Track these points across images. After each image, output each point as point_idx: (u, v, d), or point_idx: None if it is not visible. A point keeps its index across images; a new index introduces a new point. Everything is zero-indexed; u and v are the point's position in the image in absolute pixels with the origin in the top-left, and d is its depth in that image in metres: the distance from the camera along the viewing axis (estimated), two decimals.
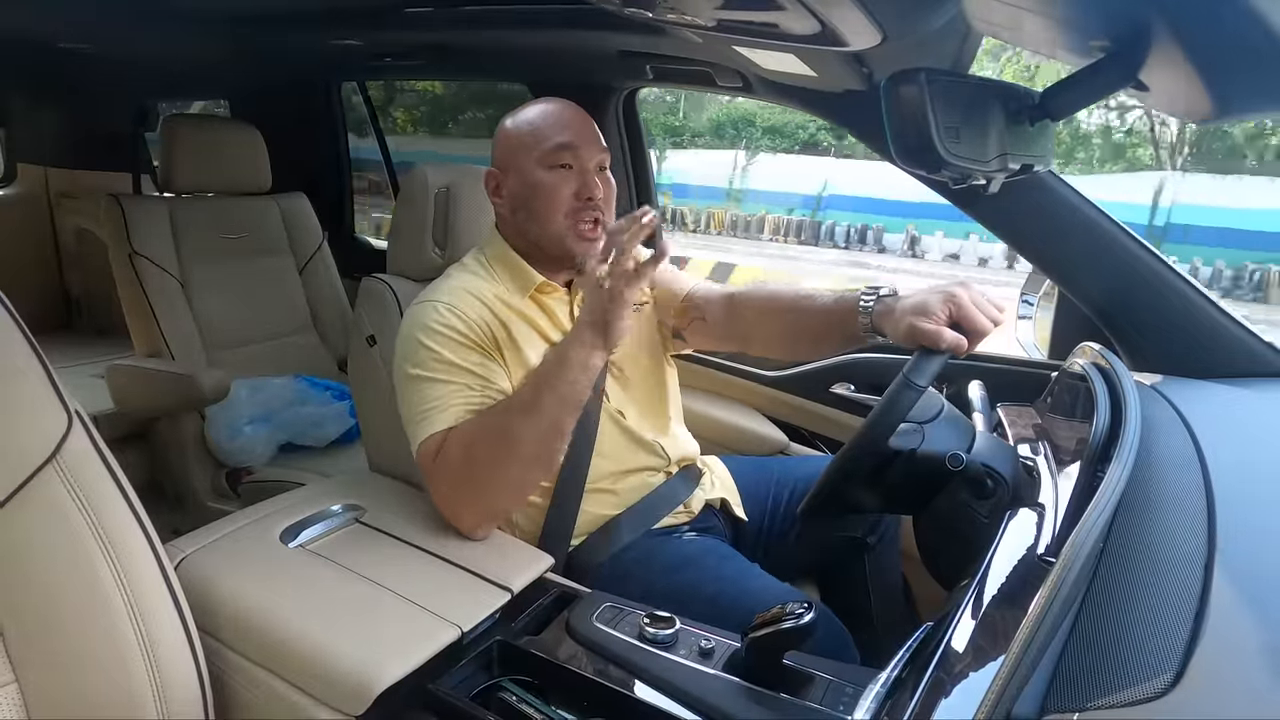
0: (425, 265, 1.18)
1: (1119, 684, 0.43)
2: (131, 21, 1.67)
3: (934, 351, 0.85)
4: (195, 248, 1.87)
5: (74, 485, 0.66)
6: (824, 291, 1.06)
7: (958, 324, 0.87)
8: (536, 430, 0.90)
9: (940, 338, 0.85)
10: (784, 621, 0.67)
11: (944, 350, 0.85)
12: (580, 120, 1.03)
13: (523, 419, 0.90)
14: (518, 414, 0.91)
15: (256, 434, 1.68)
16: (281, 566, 0.85)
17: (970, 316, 0.86)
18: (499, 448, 0.90)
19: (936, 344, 0.85)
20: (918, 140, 0.77)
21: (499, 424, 0.92)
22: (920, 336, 0.86)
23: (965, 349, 0.86)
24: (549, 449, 0.93)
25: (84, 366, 2.21)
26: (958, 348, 0.85)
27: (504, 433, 0.90)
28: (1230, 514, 0.59)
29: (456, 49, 1.67)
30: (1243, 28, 0.54)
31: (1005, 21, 0.78)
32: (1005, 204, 1.06)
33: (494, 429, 0.91)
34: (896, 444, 0.85)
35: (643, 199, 1.82)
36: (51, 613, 0.66)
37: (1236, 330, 1.04)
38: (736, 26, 0.94)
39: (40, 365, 0.67)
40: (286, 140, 2.27)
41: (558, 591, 0.87)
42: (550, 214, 1.00)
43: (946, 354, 0.85)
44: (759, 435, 1.55)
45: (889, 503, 0.95)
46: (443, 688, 0.71)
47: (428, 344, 0.95)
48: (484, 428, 0.92)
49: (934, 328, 0.86)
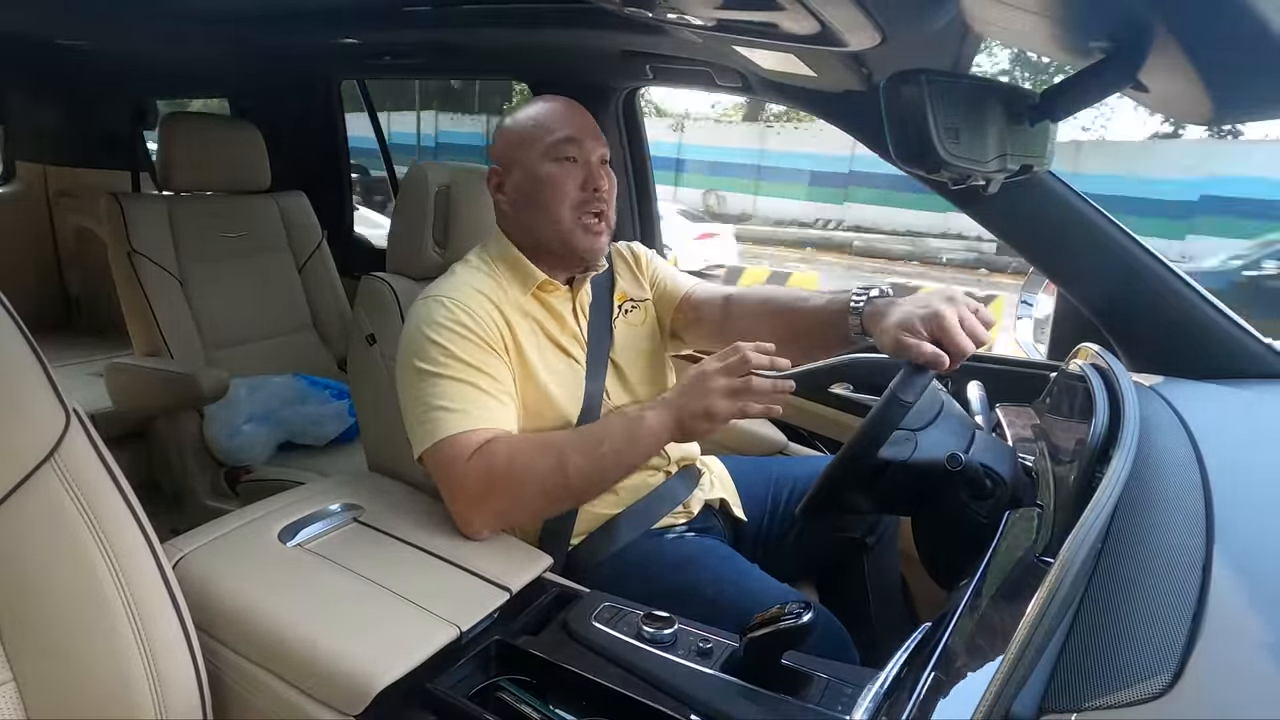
0: (425, 264, 1.18)
1: (1117, 684, 0.43)
2: (131, 19, 1.67)
3: (919, 367, 0.85)
4: (194, 246, 1.86)
5: (72, 484, 0.66)
6: (819, 293, 1.06)
7: (939, 341, 0.85)
8: (586, 472, 0.90)
9: (921, 354, 0.84)
10: (782, 621, 0.67)
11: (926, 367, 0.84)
12: (581, 115, 1.04)
13: (580, 459, 0.90)
14: (576, 451, 0.90)
15: (255, 433, 1.68)
16: (280, 566, 0.85)
17: (950, 337, 0.85)
18: (551, 475, 0.90)
19: (917, 360, 0.84)
20: (917, 140, 0.77)
21: (555, 449, 0.91)
22: (903, 350, 0.86)
23: (946, 366, 0.84)
24: (588, 493, 0.95)
25: (83, 365, 2.21)
26: (938, 364, 0.84)
27: (560, 462, 0.90)
28: (1229, 514, 0.59)
29: (456, 48, 1.67)
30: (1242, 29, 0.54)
31: (1005, 22, 0.78)
32: (1005, 204, 1.06)
33: (550, 452, 0.91)
34: (888, 454, 0.85)
35: (643, 198, 1.82)
36: (49, 612, 0.66)
37: (1236, 331, 1.04)
38: (736, 26, 0.95)
39: (38, 364, 0.67)
40: (286, 139, 2.27)
41: (556, 591, 0.87)
42: (557, 206, 1.01)
43: (932, 370, 0.85)
44: (758, 435, 1.55)
45: (887, 506, 0.95)
46: (441, 687, 0.70)
47: (436, 339, 0.95)
48: (539, 448, 0.91)
49: (916, 343, 0.85)
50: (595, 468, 0.91)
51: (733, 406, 0.87)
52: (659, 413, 0.91)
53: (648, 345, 1.15)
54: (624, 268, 1.19)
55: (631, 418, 0.92)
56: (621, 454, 0.91)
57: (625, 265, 1.19)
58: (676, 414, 0.90)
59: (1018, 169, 0.89)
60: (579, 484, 0.91)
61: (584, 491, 0.94)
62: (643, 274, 1.20)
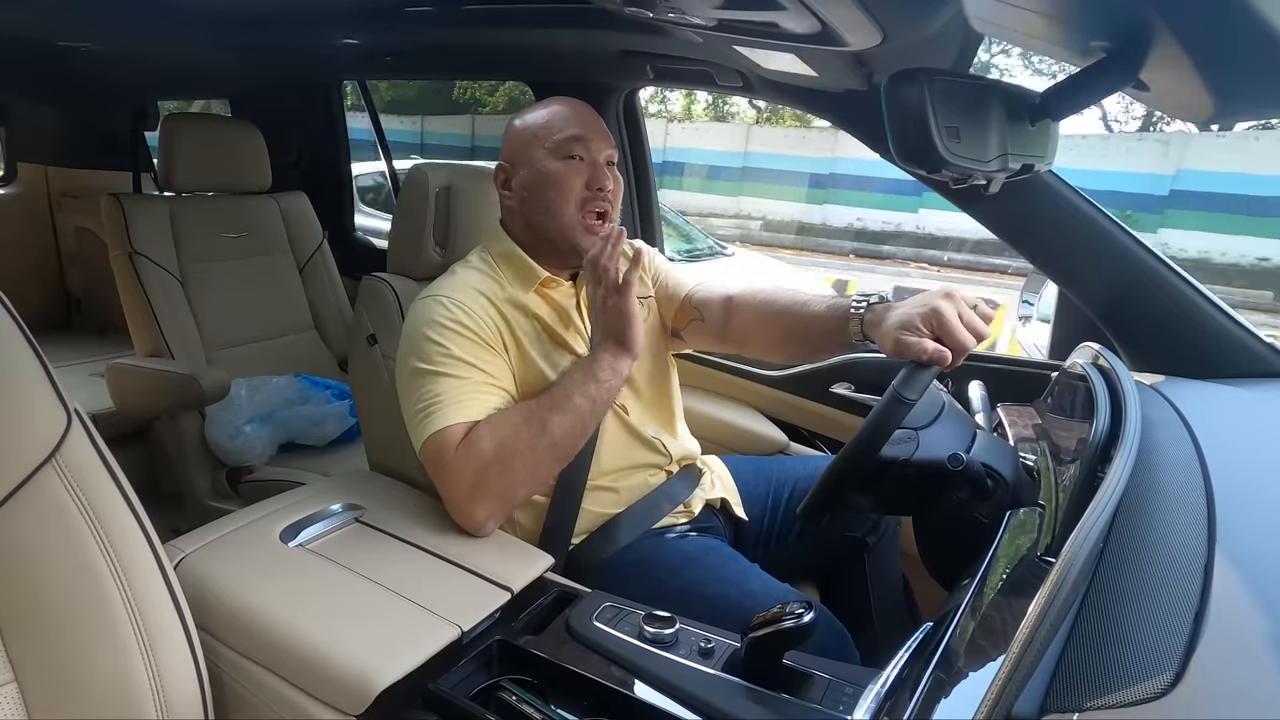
0: (426, 264, 1.18)
1: (1119, 684, 0.43)
2: (132, 20, 1.67)
3: (921, 364, 0.85)
4: (195, 247, 1.86)
5: (73, 485, 0.66)
6: (820, 297, 1.06)
7: (939, 338, 0.85)
8: (567, 425, 0.93)
9: (922, 350, 0.84)
10: (784, 621, 0.67)
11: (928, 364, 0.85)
12: (590, 115, 1.05)
13: (559, 415, 0.93)
14: (552, 411, 0.93)
15: (256, 433, 1.68)
16: (281, 566, 0.85)
17: (950, 333, 0.85)
18: (537, 438, 0.92)
19: (919, 357, 0.84)
20: (918, 140, 0.77)
21: (534, 416, 0.93)
22: (904, 349, 0.86)
23: (949, 362, 0.85)
24: (574, 448, 0.96)
25: (84, 366, 2.21)
26: (940, 360, 0.84)
27: (542, 425, 0.92)
28: (1230, 514, 0.59)
29: (457, 48, 1.67)
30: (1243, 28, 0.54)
31: (1005, 21, 0.78)
32: (1006, 204, 1.06)
33: (530, 419, 0.93)
34: (890, 453, 0.85)
35: (643, 197, 1.82)
36: (50, 612, 0.66)
37: (1236, 330, 1.03)
38: (736, 26, 0.94)
39: (39, 364, 0.67)
40: (287, 139, 2.27)
41: (558, 591, 0.87)
42: (562, 204, 1.01)
43: (934, 367, 0.85)
44: (759, 435, 1.55)
45: (888, 505, 0.95)
46: (442, 687, 0.70)
47: (434, 338, 0.95)
48: (520, 419, 0.93)
49: (917, 340, 0.85)
50: (575, 419, 0.93)
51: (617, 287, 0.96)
52: (598, 348, 0.98)
53: (650, 344, 1.15)
54: None
55: (584, 362, 0.99)
56: (592, 396, 0.94)
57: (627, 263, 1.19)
58: (606, 337, 0.98)
59: (1019, 168, 0.88)
60: (564, 441, 0.93)
61: (569, 448, 0.96)
62: (645, 271, 1.20)
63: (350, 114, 2.49)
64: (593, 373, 0.95)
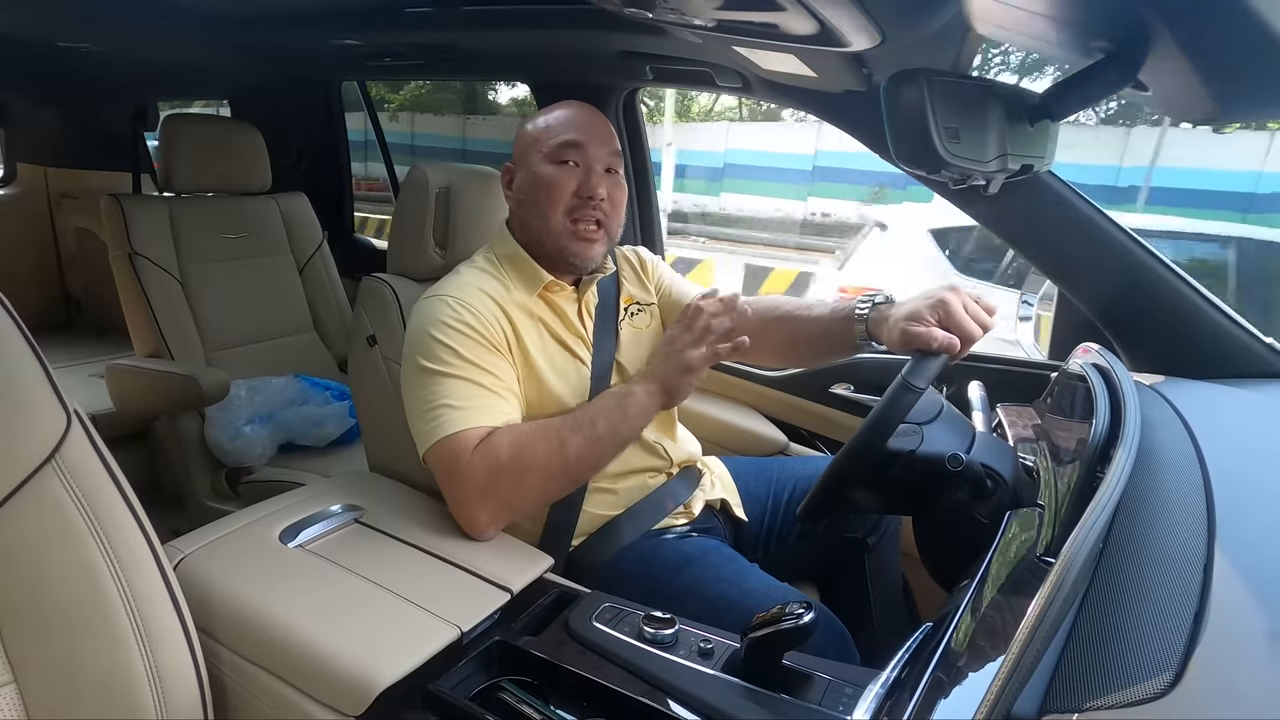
0: (426, 265, 1.18)
1: (1118, 684, 0.43)
2: (132, 21, 1.67)
3: (928, 354, 0.86)
4: (195, 248, 1.86)
5: (73, 485, 0.66)
6: (823, 301, 1.08)
7: (946, 328, 0.88)
8: (584, 453, 0.92)
9: (931, 338, 0.86)
10: (784, 622, 0.67)
11: (937, 352, 0.86)
12: (593, 121, 1.04)
13: (578, 438, 0.92)
14: (573, 432, 0.92)
15: (256, 434, 1.68)
16: (281, 567, 0.85)
17: (958, 322, 0.88)
18: (552, 458, 0.91)
19: (928, 345, 0.86)
20: (918, 140, 0.77)
21: (554, 432, 0.92)
22: (913, 339, 0.88)
23: (957, 350, 0.87)
24: (586, 473, 0.96)
25: (84, 366, 2.21)
26: (950, 348, 0.86)
27: (560, 444, 0.91)
28: (1230, 514, 0.59)
29: (457, 49, 1.66)
30: (1243, 28, 0.54)
31: (1005, 21, 0.78)
32: (1005, 204, 1.06)
33: (549, 436, 0.92)
34: (895, 445, 0.85)
35: (643, 198, 1.82)
36: (50, 613, 0.66)
37: (1236, 331, 1.03)
38: (736, 27, 0.95)
39: (39, 365, 0.67)
40: (286, 140, 2.27)
41: (557, 592, 0.87)
42: (550, 209, 1.01)
43: (941, 356, 0.86)
44: (759, 435, 1.55)
45: (888, 504, 0.95)
46: (442, 688, 0.70)
47: (441, 338, 0.95)
48: (539, 433, 0.92)
49: (924, 330, 0.87)
50: (593, 446, 0.92)
51: (704, 352, 0.93)
52: (644, 384, 0.95)
53: (652, 348, 1.15)
54: (629, 271, 1.19)
55: (620, 393, 0.96)
56: (616, 428, 0.93)
57: (630, 269, 1.20)
58: (660, 380, 0.95)
59: (1018, 169, 0.89)
60: (578, 464, 0.93)
61: (583, 472, 0.95)
62: (648, 278, 1.21)
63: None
64: (624, 407, 0.94)
